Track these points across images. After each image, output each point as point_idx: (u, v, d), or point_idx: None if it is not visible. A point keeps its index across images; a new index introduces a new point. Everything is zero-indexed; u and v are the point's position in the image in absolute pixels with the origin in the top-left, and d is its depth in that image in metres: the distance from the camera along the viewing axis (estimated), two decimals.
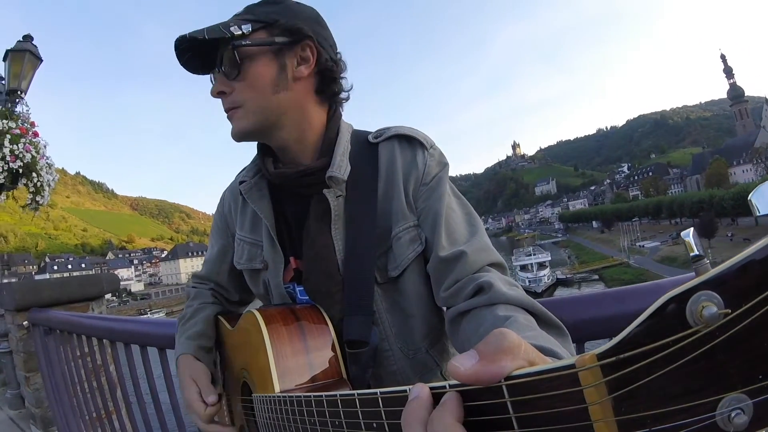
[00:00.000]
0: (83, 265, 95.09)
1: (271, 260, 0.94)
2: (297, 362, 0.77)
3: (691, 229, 0.28)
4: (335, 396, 0.50)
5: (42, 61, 4.31)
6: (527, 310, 0.69)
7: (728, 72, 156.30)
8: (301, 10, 0.87)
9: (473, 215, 0.89)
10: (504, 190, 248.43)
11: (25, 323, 3.12)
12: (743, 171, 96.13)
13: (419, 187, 0.87)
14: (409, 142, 0.90)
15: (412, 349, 0.89)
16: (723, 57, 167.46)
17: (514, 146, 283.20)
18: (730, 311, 0.22)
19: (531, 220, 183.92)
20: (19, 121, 3.92)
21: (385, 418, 0.41)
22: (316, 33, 0.86)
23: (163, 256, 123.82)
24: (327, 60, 0.87)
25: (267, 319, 0.81)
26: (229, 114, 0.86)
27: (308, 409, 0.57)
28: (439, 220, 0.84)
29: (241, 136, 0.88)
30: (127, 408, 2.22)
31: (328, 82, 0.89)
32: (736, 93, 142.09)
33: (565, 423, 0.28)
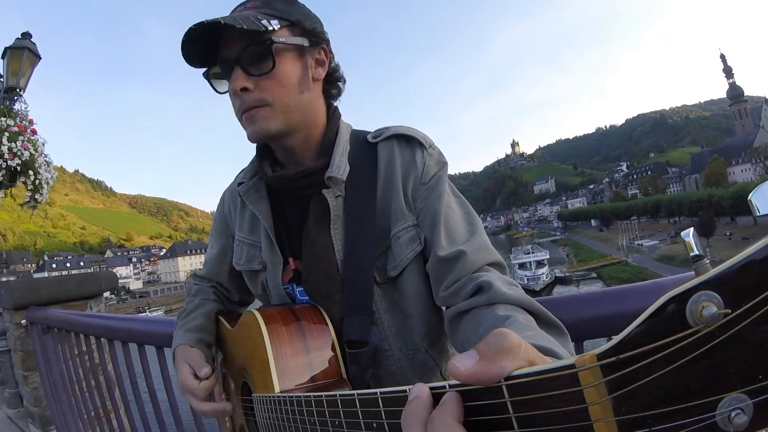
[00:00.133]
0: (82, 263, 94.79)
1: (269, 261, 0.94)
2: (297, 362, 0.77)
3: (691, 229, 0.28)
4: (335, 396, 0.50)
5: (41, 58, 4.30)
6: (527, 310, 0.69)
7: (728, 72, 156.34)
8: (311, 12, 0.89)
9: (472, 214, 0.88)
10: (503, 188, 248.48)
11: (23, 322, 3.11)
12: (742, 170, 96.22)
13: (418, 186, 0.87)
14: (408, 141, 0.90)
15: (412, 349, 0.89)
16: (722, 57, 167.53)
17: (513, 145, 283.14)
18: (730, 311, 0.22)
19: (530, 218, 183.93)
20: (18, 118, 3.91)
21: (385, 418, 0.41)
22: (327, 37, 0.89)
23: (162, 254, 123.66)
24: (335, 63, 0.91)
25: (267, 319, 0.81)
26: (251, 112, 0.81)
27: (308, 409, 0.57)
28: (438, 219, 0.83)
29: (264, 136, 0.84)
30: (125, 407, 2.22)
31: (335, 85, 0.92)
32: (735, 93, 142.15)
33: (565, 423, 0.28)
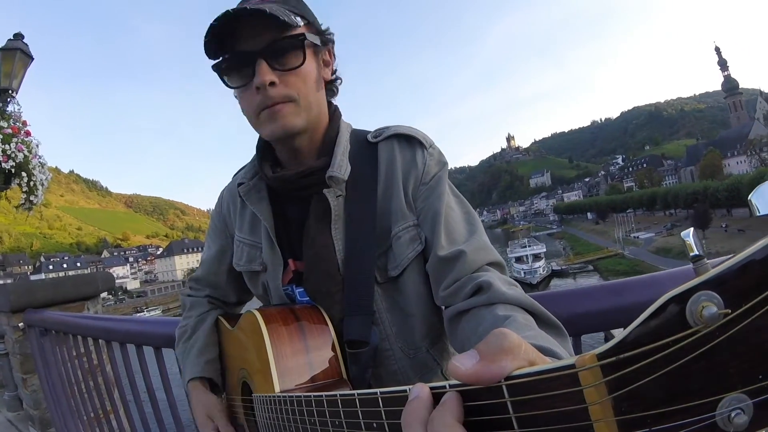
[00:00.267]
0: (78, 264, 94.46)
1: (270, 262, 0.94)
2: (297, 362, 0.77)
3: (691, 229, 0.28)
4: (335, 396, 0.50)
5: (33, 59, 4.25)
6: (526, 310, 0.69)
7: (722, 64, 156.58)
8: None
9: (472, 214, 0.89)
10: (499, 182, 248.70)
11: (21, 325, 3.10)
12: (737, 162, 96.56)
13: (419, 186, 0.87)
14: (408, 141, 0.90)
15: (413, 349, 0.89)
16: (717, 49, 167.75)
17: (509, 138, 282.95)
18: (730, 311, 0.22)
19: (526, 212, 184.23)
20: (11, 120, 3.88)
21: (385, 418, 0.41)
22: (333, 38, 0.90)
23: (159, 253, 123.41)
24: (336, 63, 0.92)
25: (267, 319, 0.81)
26: (275, 108, 0.80)
27: (308, 409, 0.57)
28: (438, 219, 0.84)
29: (287, 133, 0.83)
30: (124, 407, 2.21)
31: (335, 84, 0.93)
32: (730, 85, 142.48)
33: (565, 423, 0.28)
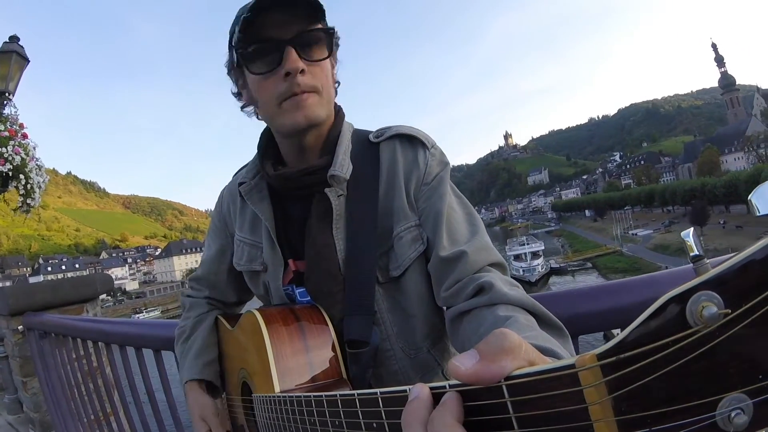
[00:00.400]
0: (77, 266, 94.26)
1: (270, 262, 0.94)
2: (297, 362, 0.77)
3: (691, 229, 0.28)
4: (335, 396, 0.50)
5: (29, 61, 4.23)
6: (528, 311, 0.70)
7: (719, 61, 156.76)
8: None
9: (474, 215, 0.89)
10: (496, 180, 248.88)
11: (20, 328, 3.10)
12: (735, 159, 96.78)
13: (420, 186, 0.87)
14: (410, 141, 0.90)
15: (414, 349, 0.89)
16: (714, 46, 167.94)
17: (506, 136, 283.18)
18: (730, 311, 0.22)
19: (524, 209, 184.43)
20: (8, 123, 3.87)
21: (385, 418, 0.41)
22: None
23: (157, 253, 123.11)
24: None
25: (267, 319, 0.81)
26: (301, 97, 0.80)
27: (308, 409, 0.57)
28: (440, 219, 0.83)
29: (310, 123, 0.83)
30: (124, 409, 2.21)
31: (336, 87, 0.92)
32: (727, 81, 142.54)
33: (565, 423, 0.28)
